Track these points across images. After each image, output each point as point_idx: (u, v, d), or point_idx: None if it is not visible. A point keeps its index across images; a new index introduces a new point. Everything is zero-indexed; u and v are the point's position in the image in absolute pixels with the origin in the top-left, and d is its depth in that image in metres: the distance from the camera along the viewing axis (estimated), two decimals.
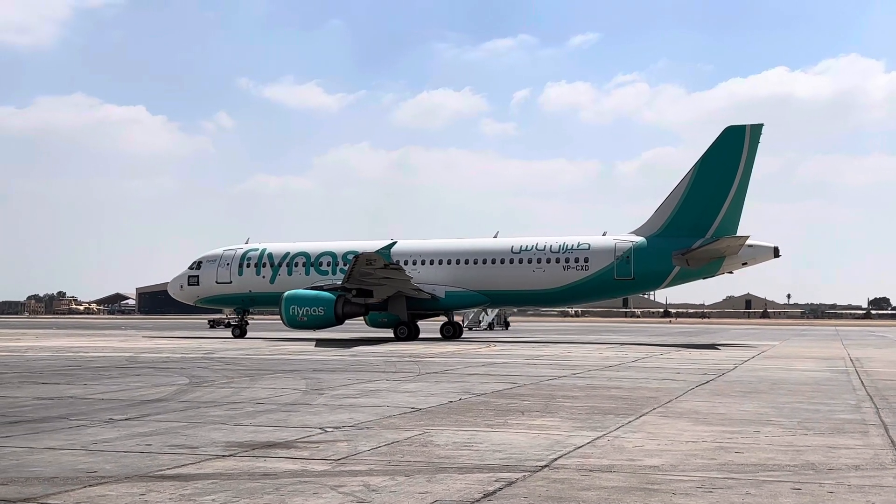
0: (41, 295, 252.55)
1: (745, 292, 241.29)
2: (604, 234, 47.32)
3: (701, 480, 8.26)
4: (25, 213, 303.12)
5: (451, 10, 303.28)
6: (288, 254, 50.42)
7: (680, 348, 37.11)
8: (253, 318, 51.02)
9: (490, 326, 73.29)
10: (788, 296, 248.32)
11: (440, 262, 48.62)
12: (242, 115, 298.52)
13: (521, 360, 27.54)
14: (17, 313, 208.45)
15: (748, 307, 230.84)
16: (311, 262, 49.95)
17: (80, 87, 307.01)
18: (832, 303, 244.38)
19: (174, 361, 25.73)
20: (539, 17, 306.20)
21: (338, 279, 46.58)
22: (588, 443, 10.36)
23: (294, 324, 45.37)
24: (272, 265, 50.38)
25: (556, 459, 9.22)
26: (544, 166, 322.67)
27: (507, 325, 76.37)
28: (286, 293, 45.60)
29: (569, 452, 9.67)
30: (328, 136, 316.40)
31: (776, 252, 45.28)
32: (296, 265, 49.98)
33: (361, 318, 49.32)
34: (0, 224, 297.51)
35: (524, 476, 8.33)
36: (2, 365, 23.94)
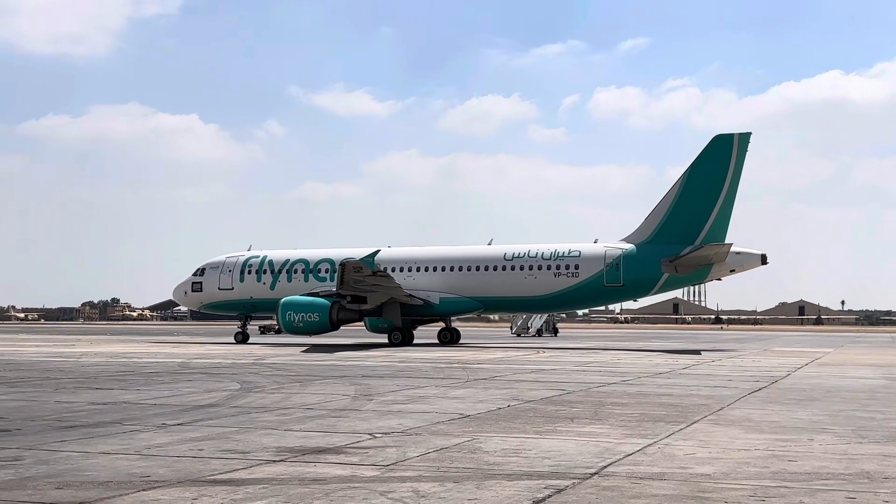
0: (96, 301, 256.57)
1: (799, 299, 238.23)
2: (595, 242, 47.90)
3: (753, 489, 8.16)
4: (80, 221, 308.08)
5: (501, 17, 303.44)
6: (288, 261, 51.32)
7: (719, 355, 36.69)
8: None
9: (538, 333, 73.05)
10: (843, 302, 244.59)
11: (434, 269, 49.37)
12: (293, 122, 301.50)
13: (570, 366, 27.42)
14: (72, 319, 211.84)
15: (801, 314, 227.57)
16: (310, 268, 50.81)
17: (134, 97, 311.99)
18: (888, 309, 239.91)
19: (225, 367, 25.98)
20: (589, 22, 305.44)
21: (335, 286, 46.88)
22: (638, 450, 10.28)
23: (290, 329, 46.43)
24: (272, 272, 51.24)
25: (605, 467, 9.16)
26: (594, 172, 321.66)
27: (555, 331, 76.06)
28: (283, 299, 46.70)
29: (619, 460, 9.60)
30: (377, 143, 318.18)
31: (763, 259, 45.71)
32: (295, 272, 50.83)
33: (357, 323, 50.10)
34: (56, 232, 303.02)
35: (573, 483, 8.29)
36: (57, 370, 24.36)
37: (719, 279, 46.57)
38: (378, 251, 46.90)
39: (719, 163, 44.04)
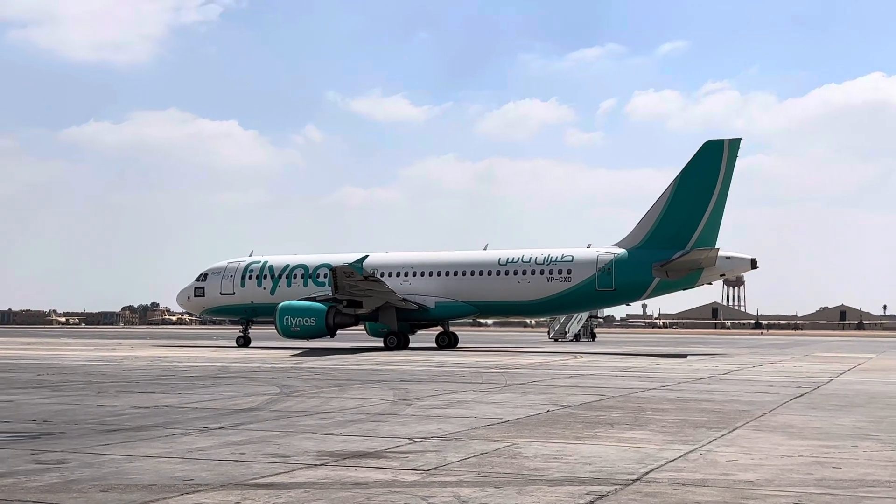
0: (136, 306, 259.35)
1: (840, 303, 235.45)
2: (588, 247, 48.29)
3: (798, 496, 8.07)
4: (121, 226, 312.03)
5: (539, 21, 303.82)
6: (288, 266, 52.11)
7: (763, 360, 36.33)
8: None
9: (576, 337, 72.78)
10: (885, 307, 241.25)
11: (430, 274, 49.95)
12: (331, 128, 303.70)
13: (609, 371, 27.29)
14: (112, 324, 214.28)
15: (842, 318, 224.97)
16: (309, 273, 51.52)
17: (174, 103, 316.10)
18: None
19: (264, 371, 26.15)
20: (627, 25, 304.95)
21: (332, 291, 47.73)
22: (680, 456, 10.21)
23: (288, 334, 47.10)
24: (272, 277, 52.07)
25: (647, 473, 9.10)
26: (631, 176, 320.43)
27: (593, 336, 75.74)
28: (281, 304, 47.43)
29: (660, 466, 9.54)
30: (414, 147, 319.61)
31: (753, 264, 46.15)
32: (295, 277, 51.58)
33: (353, 327, 50.93)
34: (96, 236, 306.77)
35: (615, 489, 8.25)
36: (100, 374, 24.64)
37: (710, 283, 47.11)
38: (366, 256, 47.59)
39: (710, 169, 44.58)
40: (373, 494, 7.96)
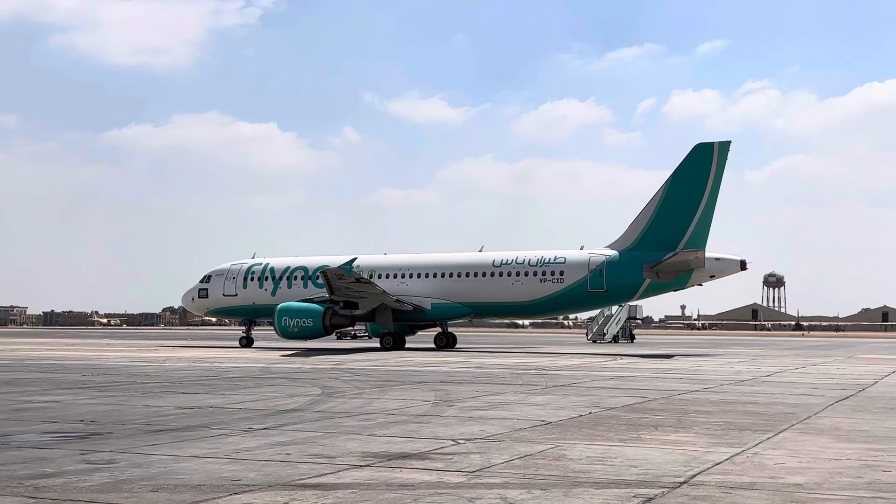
0: (176, 307, 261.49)
1: (882, 304, 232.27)
2: (581, 248, 48.81)
3: (848, 499, 7.98)
4: (161, 228, 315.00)
5: (576, 21, 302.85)
6: (288, 268, 52.97)
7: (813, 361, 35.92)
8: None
9: (615, 339, 72.43)
10: None
11: (427, 276, 50.71)
12: (368, 129, 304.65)
13: (650, 373, 27.13)
14: (153, 324, 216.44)
15: (885, 320, 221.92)
16: (309, 275, 52.19)
17: (214, 106, 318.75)
18: None
19: (305, 372, 26.28)
20: (666, 25, 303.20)
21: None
22: (726, 459, 10.13)
23: (286, 334, 47.89)
24: (274, 279, 52.98)
25: (694, 476, 9.04)
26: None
27: (632, 337, 75.33)
28: (279, 305, 48.26)
29: (707, 469, 9.46)
30: (451, 149, 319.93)
31: (743, 265, 46.49)
32: (295, 278, 52.38)
33: (349, 328, 52.83)
34: (137, 238, 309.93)
35: (663, 492, 8.20)
36: (143, 375, 24.91)
37: (700, 285, 47.45)
38: (355, 258, 48.84)
39: (700, 171, 45.01)
40: (419, 496, 7.98)
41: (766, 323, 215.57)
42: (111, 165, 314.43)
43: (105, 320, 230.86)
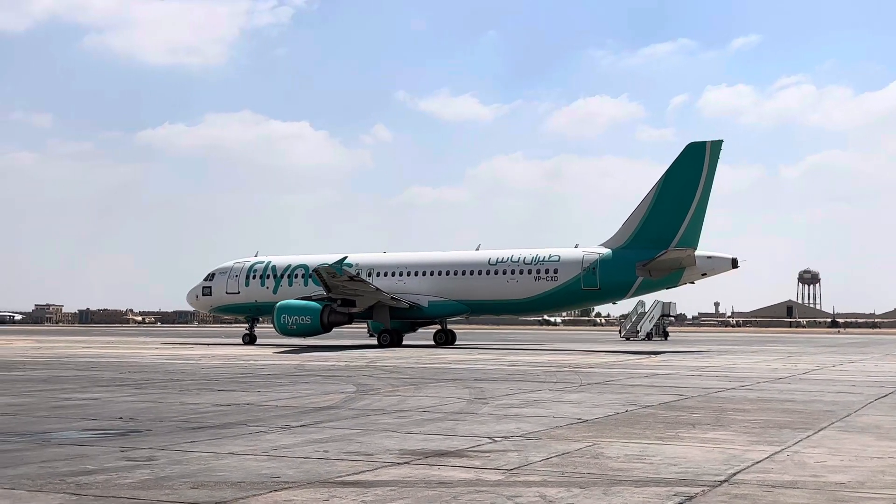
0: None
1: None
2: (575, 247, 49.43)
3: (892, 499, 7.87)
4: (194, 227, 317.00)
5: (610, 17, 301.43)
6: (290, 266, 53.72)
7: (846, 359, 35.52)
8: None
9: (648, 336, 72.10)
10: None
11: (424, 274, 51.48)
12: (400, 127, 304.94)
13: (685, 370, 26.96)
14: (187, 322, 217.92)
15: None
16: (310, 273, 52.46)
17: (246, 105, 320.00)
18: None
19: (339, 369, 26.36)
20: (700, 20, 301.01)
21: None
22: (766, 457, 10.03)
23: (285, 331, 48.83)
24: (275, 277, 53.81)
25: (734, 474, 8.96)
26: None
27: (665, 335, 74.89)
28: (278, 303, 49.16)
29: (747, 467, 9.38)
30: (482, 146, 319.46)
31: (734, 263, 46.90)
32: (296, 276, 53.06)
33: (348, 326, 53.25)
34: (171, 237, 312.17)
35: (703, 491, 8.13)
36: (179, 372, 25.09)
37: (692, 283, 47.91)
38: (346, 257, 49.52)
39: (692, 170, 45.46)
40: (458, 493, 7.97)
41: (801, 320, 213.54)
42: (145, 165, 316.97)
43: (140, 318, 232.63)
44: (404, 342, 50.66)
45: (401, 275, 51.61)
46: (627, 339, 71.38)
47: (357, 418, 13.75)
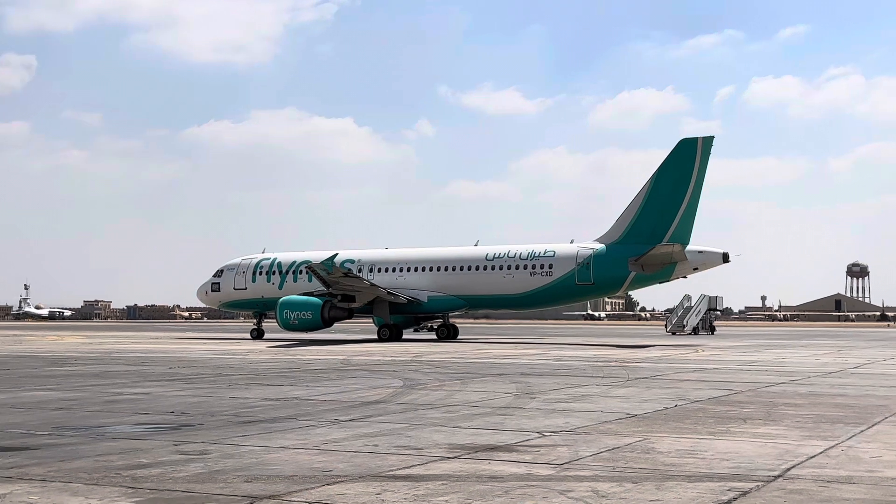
0: None
1: None
2: (571, 242, 50.72)
3: None
4: (240, 223, 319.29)
5: (654, 9, 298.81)
6: (294, 262, 54.77)
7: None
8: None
9: (694, 331, 71.57)
10: None
11: (423, 269, 52.70)
12: (443, 122, 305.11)
13: (734, 365, 26.71)
14: (233, 318, 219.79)
15: None
16: (302, 270, 53.70)
17: (291, 102, 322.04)
18: None
19: (385, 364, 26.45)
20: (747, 11, 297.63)
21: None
22: (820, 452, 9.91)
23: (287, 326, 50.34)
24: (281, 273, 55.03)
25: (788, 469, 8.86)
26: (750, 165, 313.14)
27: (712, 329, 74.29)
28: (281, 299, 50.76)
29: (801, 462, 9.27)
30: (525, 140, 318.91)
31: (725, 258, 47.84)
32: (300, 273, 53.97)
33: (351, 320, 55.71)
34: (218, 233, 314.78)
35: (758, 486, 8.05)
36: (228, 367, 25.34)
37: (685, 277, 48.78)
38: (336, 254, 50.45)
39: (684, 166, 46.07)
40: (509, 488, 7.97)
41: (849, 314, 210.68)
42: (192, 162, 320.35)
43: (187, 314, 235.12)
44: (404, 336, 52.59)
45: (401, 270, 52.90)
46: (673, 333, 70.89)
47: (405, 413, 13.79)
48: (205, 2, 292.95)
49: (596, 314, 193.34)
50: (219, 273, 57.02)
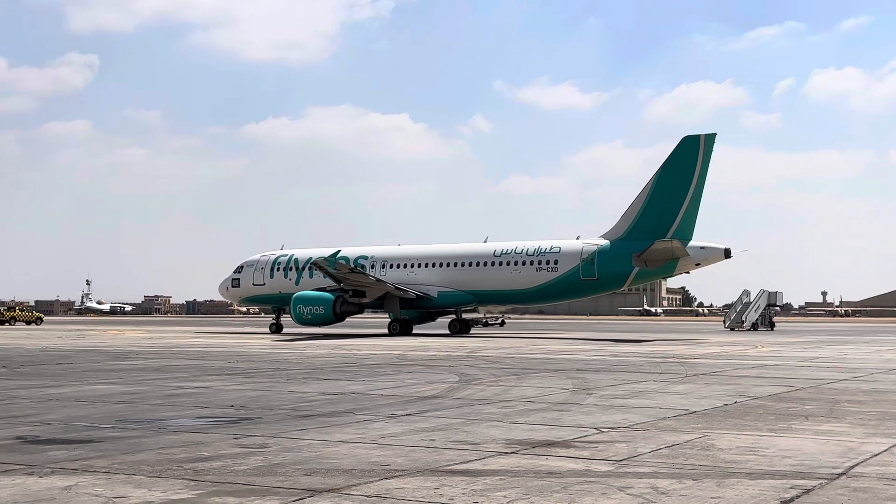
0: None
1: None
2: (577, 238, 51.46)
3: None
4: (298, 219, 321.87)
5: (715, 1, 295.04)
6: (310, 258, 55.23)
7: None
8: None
9: (754, 326, 70.62)
10: None
11: (434, 265, 53.83)
12: (498, 117, 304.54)
13: (794, 361, 26.31)
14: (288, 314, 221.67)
15: None
16: (308, 266, 55.08)
17: (348, 98, 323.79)
18: None
19: (441, 359, 26.50)
20: (809, 1, 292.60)
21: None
22: (885, 450, 9.73)
23: (301, 321, 52.01)
24: (297, 269, 56.26)
25: (852, 467, 8.71)
26: (811, 158, 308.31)
27: (772, 325, 73.21)
28: (295, 294, 52.36)
29: (865, 460, 9.11)
30: (581, 135, 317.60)
31: (727, 253, 48.61)
32: (315, 269, 54.08)
33: (358, 315, 56.84)
34: (276, 229, 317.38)
35: (821, 484, 7.92)
36: (285, 362, 25.57)
37: (687, 272, 50.01)
38: (339, 251, 52.45)
39: (687, 162, 46.90)
40: (568, 483, 7.93)
41: None
42: (249, 159, 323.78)
43: (244, 309, 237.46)
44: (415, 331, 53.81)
45: (412, 266, 54.08)
46: (732, 329, 70.02)
47: (461, 408, 13.80)
48: (261, 0, 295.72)
49: (652, 310, 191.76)
50: (239, 269, 58.62)
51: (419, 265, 54.04)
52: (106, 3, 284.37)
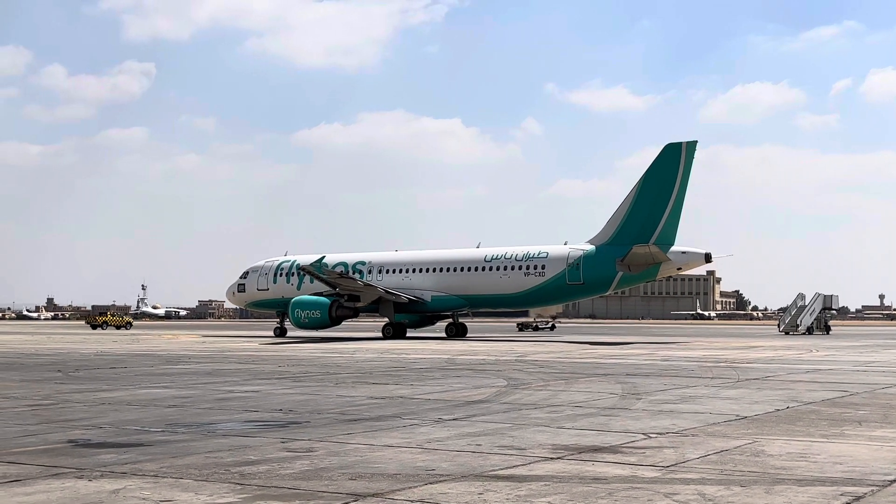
0: None
1: None
2: (564, 244, 52.97)
3: None
4: (351, 224, 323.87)
5: (771, 1, 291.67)
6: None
7: None
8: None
9: (808, 330, 69.60)
10: None
11: (427, 270, 55.28)
12: (549, 120, 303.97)
13: (849, 366, 25.86)
14: None
15: None
16: (295, 271, 57.24)
17: (400, 103, 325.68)
18: None
19: (489, 363, 26.46)
20: (868, 1, 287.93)
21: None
22: None
23: (299, 324, 53.50)
24: (299, 274, 57.28)
25: None
26: (869, 160, 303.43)
27: (827, 329, 72.08)
28: (293, 299, 53.96)
29: None
30: (633, 138, 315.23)
31: (707, 258, 50.16)
32: None
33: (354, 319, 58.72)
34: (328, 234, 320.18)
35: (872, 490, 7.77)
36: (335, 366, 25.71)
37: (670, 277, 51.81)
38: (324, 257, 54.13)
39: (669, 169, 48.22)
40: (613, 489, 7.86)
41: None
42: (303, 164, 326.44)
43: None
44: (409, 334, 55.03)
45: (407, 272, 55.63)
46: (786, 333, 69.11)
47: (508, 412, 13.76)
48: (316, 7, 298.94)
49: (705, 314, 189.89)
50: (245, 275, 60.51)
51: (414, 270, 55.65)
52: (162, 11, 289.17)
